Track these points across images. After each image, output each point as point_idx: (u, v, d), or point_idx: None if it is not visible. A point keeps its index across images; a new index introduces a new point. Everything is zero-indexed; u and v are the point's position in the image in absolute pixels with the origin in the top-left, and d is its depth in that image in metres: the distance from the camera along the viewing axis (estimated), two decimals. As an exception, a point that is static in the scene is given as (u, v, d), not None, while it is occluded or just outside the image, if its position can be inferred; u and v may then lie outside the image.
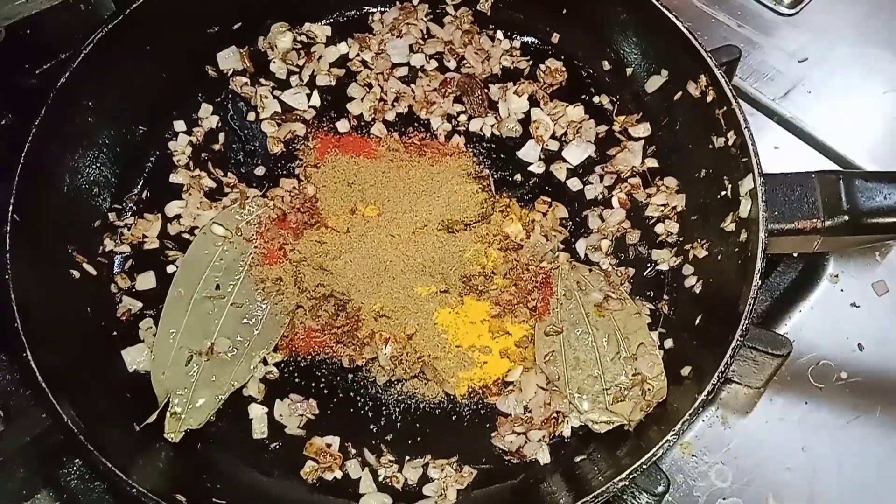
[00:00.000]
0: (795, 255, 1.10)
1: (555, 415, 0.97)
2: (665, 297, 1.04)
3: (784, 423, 1.01)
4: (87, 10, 1.08)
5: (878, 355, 1.04)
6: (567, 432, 0.97)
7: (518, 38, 1.21)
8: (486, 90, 1.17)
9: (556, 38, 1.20)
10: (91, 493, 0.96)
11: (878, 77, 1.24)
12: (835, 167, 1.15)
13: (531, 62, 1.19)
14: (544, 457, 0.96)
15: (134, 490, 0.82)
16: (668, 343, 1.00)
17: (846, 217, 0.94)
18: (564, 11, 1.17)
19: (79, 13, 1.07)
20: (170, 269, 1.05)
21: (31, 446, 0.87)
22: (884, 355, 1.04)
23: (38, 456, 0.91)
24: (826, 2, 1.30)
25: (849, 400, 1.01)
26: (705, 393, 0.86)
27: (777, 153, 1.17)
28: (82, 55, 1.01)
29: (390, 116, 1.15)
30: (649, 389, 0.94)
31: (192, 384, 0.98)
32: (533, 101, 1.16)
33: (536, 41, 1.21)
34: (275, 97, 1.16)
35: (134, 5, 1.04)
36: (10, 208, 0.93)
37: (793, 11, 1.30)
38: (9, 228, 0.92)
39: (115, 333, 1.02)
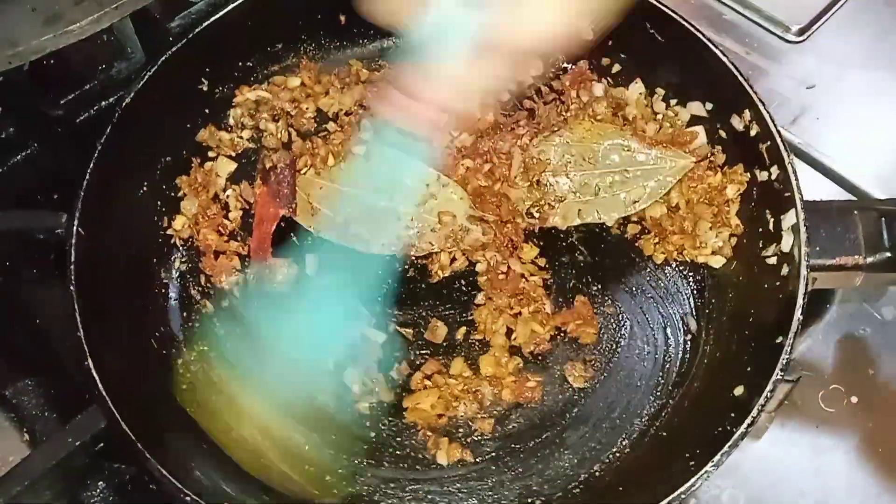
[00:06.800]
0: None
1: None
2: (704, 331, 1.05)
3: (795, 447, 1.01)
4: (111, 42, 1.09)
5: (888, 379, 1.05)
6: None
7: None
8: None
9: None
10: (114, 515, 0.97)
11: (887, 102, 1.25)
12: (847, 195, 1.16)
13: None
14: None
15: (188, 498, 0.83)
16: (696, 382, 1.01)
17: (888, 254, 0.94)
18: (610, 43, 1.16)
19: (102, 44, 1.08)
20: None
21: (56, 469, 0.88)
22: (894, 379, 1.04)
23: (63, 479, 0.92)
24: (834, 28, 1.31)
25: (859, 424, 1.02)
26: (745, 425, 0.86)
27: (786, 180, 1.18)
28: (146, 76, 1.02)
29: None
30: None
31: None
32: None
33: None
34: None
35: (196, 29, 1.05)
36: (76, 223, 0.94)
37: (801, 38, 1.30)
38: (73, 241, 0.93)
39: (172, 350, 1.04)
